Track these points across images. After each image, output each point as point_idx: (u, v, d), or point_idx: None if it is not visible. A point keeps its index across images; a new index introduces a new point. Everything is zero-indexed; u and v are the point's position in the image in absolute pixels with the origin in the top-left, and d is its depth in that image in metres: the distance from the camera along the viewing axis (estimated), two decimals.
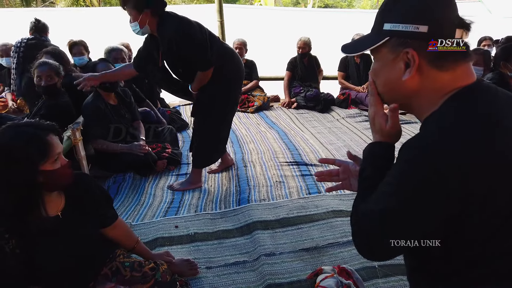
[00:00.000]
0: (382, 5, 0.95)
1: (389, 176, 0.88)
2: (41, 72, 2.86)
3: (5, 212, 1.33)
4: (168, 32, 2.37)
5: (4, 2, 18.31)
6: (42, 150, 1.33)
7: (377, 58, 0.96)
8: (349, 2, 35.20)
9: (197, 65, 2.46)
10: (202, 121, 2.74)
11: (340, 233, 2.19)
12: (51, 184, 1.39)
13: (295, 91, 5.22)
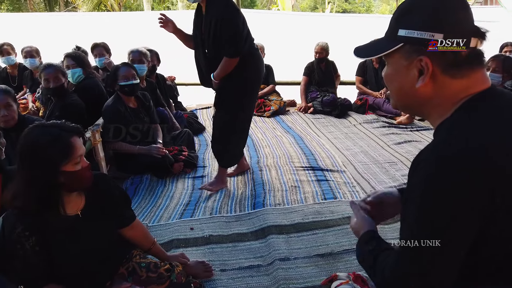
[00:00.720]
0: (397, 10, 0.95)
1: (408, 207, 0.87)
2: (48, 75, 2.92)
3: (26, 209, 1.37)
4: (214, 8, 2.45)
5: (28, 6, 18.86)
6: (65, 151, 1.37)
7: (390, 63, 0.96)
8: (367, 7, 34.98)
9: (226, 49, 2.49)
10: (221, 115, 2.77)
11: (356, 240, 2.15)
12: (71, 185, 1.42)
13: (311, 96, 5.21)
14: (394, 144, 3.82)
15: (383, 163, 3.35)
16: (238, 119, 2.78)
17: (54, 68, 2.97)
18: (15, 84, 4.79)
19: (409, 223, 0.86)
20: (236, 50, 2.50)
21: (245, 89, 2.70)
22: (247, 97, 2.77)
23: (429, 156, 0.84)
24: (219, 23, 2.43)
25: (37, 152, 1.34)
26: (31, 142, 1.35)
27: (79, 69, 3.37)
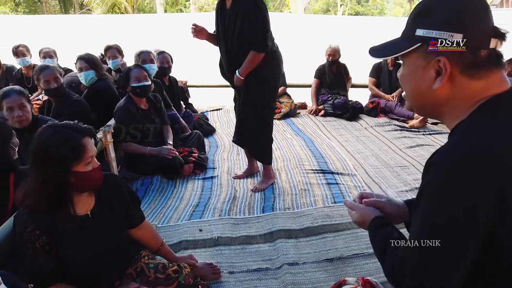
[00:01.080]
0: (414, 9, 0.93)
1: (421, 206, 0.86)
2: (48, 76, 2.96)
3: (37, 209, 1.38)
4: (242, 1, 2.45)
5: (44, 8, 19.20)
6: (76, 152, 1.38)
7: (407, 63, 0.94)
8: (380, 10, 34.76)
9: (254, 43, 2.50)
10: (253, 115, 2.77)
11: (366, 244, 2.14)
12: (81, 185, 1.44)
13: (322, 98, 5.18)
14: (406, 147, 3.77)
15: (394, 167, 3.31)
16: (270, 116, 2.85)
17: (52, 69, 3.01)
18: (30, 85, 4.87)
19: (419, 223, 0.85)
20: (265, 44, 2.52)
21: (273, 86, 2.76)
22: (274, 94, 2.85)
23: (440, 158, 0.84)
24: (247, 16, 2.44)
25: (49, 152, 1.36)
26: (44, 142, 1.37)
27: (92, 71, 3.42)
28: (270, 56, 2.62)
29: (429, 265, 0.82)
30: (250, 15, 2.44)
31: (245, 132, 2.88)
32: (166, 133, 3.35)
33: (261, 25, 2.47)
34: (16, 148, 1.84)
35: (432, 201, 0.82)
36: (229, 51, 2.64)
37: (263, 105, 2.77)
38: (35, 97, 4.65)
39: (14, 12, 24.12)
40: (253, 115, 2.77)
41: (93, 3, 19.35)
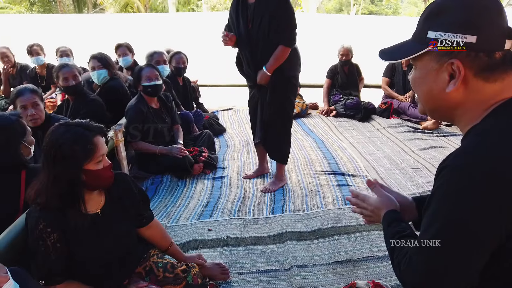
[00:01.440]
0: (425, 11, 0.90)
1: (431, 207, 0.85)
2: (67, 73, 2.99)
3: (49, 206, 1.39)
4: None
5: (58, 8, 19.47)
6: (87, 150, 1.39)
7: (418, 66, 0.92)
8: (394, 9, 34.42)
9: (284, 37, 2.49)
10: (275, 113, 2.76)
11: (377, 247, 2.11)
12: (92, 183, 1.44)
13: (334, 99, 5.13)
14: (419, 149, 3.72)
15: (407, 169, 3.26)
16: (291, 115, 2.84)
17: (71, 67, 3.05)
18: (43, 84, 4.93)
19: (428, 224, 0.84)
20: (293, 39, 2.52)
21: (295, 84, 2.75)
22: (296, 92, 2.84)
23: (454, 161, 0.82)
24: (276, 11, 2.43)
25: (61, 150, 1.36)
26: (56, 140, 1.38)
27: (105, 70, 3.44)
28: (293, 53, 2.61)
29: (435, 267, 0.82)
30: (279, 11, 2.44)
31: (271, 132, 2.84)
32: (177, 133, 3.36)
33: (290, 20, 2.47)
34: (32, 147, 1.86)
35: (443, 204, 0.81)
36: (252, 47, 2.61)
37: (289, 103, 2.77)
38: (48, 96, 4.71)
39: (29, 11, 24.52)
40: (280, 114, 2.76)
41: (106, 2, 19.55)
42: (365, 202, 1.20)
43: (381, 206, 1.14)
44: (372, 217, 1.19)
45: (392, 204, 1.14)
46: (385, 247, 2.05)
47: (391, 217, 1.09)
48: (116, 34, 9.09)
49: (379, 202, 1.16)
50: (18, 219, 1.55)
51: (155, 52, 3.88)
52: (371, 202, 1.18)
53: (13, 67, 5.00)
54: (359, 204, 1.23)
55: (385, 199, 1.16)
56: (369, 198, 1.20)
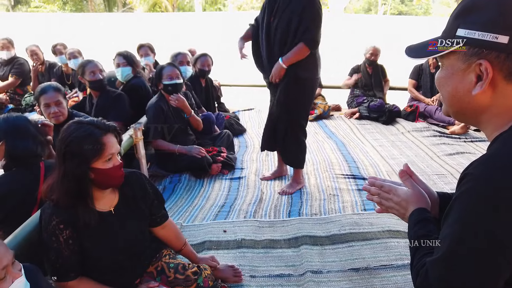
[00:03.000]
0: (457, 7, 0.85)
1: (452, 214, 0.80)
2: (93, 67, 3.07)
3: (60, 202, 1.41)
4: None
5: (89, 7, 20.01)
6: (96, 149, 1.39)
7: (445, 65, 0.88)
8: (425, 9, 33.54)
9: (306, 36, 2.44)
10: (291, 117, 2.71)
11: (395, 255, 2.04)
12: (100, 182, 1.44)
13: (357, 101, 5.03)
14: (445, 155, 3.58)
15: (431, 175, 3.15)
16: (304, 120, 2.79)
17: (95, 63, 3.13)
18: (69, 82, 5.07)
19: (446, 236, 0.80)
20: (315, 40, 2.46)
21: (311, 88, 2.68)
22: (311, 97, 2.76)
23: (476, 169, 0.77)
24: (301, 10, 2.39)
25: (70, 146, 1.38)
26: (66, 137, 1.39)
27: (129, 68, 3.50)
28: (311, 57, 2.55)
29: (450, 283, 0.77)
30: (303, 9, 2.39)
31: (278, 134, 2.80)
32: None
33: (315, 19, 2.42)
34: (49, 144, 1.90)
35: (463, 215, 0.76)
36: (270, 42, 2.58)
37: (300, 106, 2.70)
38: (74, 94, 4.83)
39: (62, 10, 25.34)
40: (287, 116, 2.70)
41: (135, 1, 19.96)
42: (391, 192, 1.09)
43: (412, 200, 1.04)
44: (394, 210, 1.09)
45: (423, 201, 1.04)
46: (404, 256, 2.00)
47: (420, 216, 1.00)
48: (144, 33, 9.26)
49: (410, 195, 1.06)
50: (34, 215, 1.58)
51: (179, 53, 3.92)
52: (400, 193, 1.07)
53: (42, 65, 5.16)
54: (380, 194, 1.12)
55: (417, 193, 1.05)
56: (397, 189, 1.09)
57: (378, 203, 1.14)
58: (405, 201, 1.06)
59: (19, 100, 5.19)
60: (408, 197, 1.06)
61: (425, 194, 1.07)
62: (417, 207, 1.02)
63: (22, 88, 5.27)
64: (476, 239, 0.74)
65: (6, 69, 5.19)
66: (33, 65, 5.11)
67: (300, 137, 2.80)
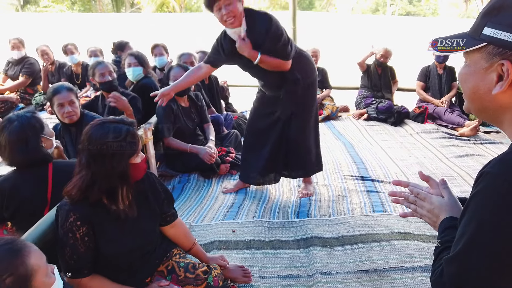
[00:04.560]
0: (487, 5, 0.84)
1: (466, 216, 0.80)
2: (103, 69, 3.08)
3: (92, 200, 1.43)
4: (258, 22, 2.34)
5: (98, 7, 20.13)
6: (133, 145, 1.44)
7: (468, 62, 0.87)
8: (433, 10, 33.30)
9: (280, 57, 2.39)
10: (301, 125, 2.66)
11: (405, 257, 2.03)
12: (133, 176, 1.49)
13: (366, 102, 5.02)
14: (454, 157, 3.56)
15: (440, 176, 3.10)
16: (317, 119, 2.76)
17: (106, 64, 3.15)
18: (79, 82, 5.11)
19: (462, 232, 0.80)
20: (289, 53, 2.41)
21: (313, 89, 2.63)
22: (315, 96, 2.68)
23: (493, 168, 0.77)
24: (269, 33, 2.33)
25: (109, 147, 1.40)
26: (101, 139, 1.40)
27: (140, 68, 3.53)
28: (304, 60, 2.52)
29: (464, 281, 0.78)
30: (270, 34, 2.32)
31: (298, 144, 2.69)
32: (208, 130, 3.38)
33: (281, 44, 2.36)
34: (53, 138, 1.91)
35: (479, 213, 0.76)
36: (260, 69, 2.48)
37: (312, 113, 2.67)
38: (84, 94, 4.87)
39: (71, 10, 25.56)
40: (305, 126, 2.66)
41: (143, 1, 20.06)
42: (426, 200, 1.09)
43: (445, 208, 1.04)
44: (426, 217, 1.09)
45: (456, 210, 1.03)
46: (413, 258, 1.99)
47: (450, 223, 0.99)
48: (152, 33, 9.32)
49: (443, 204, 1.05)
50: (48, 213, 1.60)
51: (183, 54, 3.95)
52: (433, 201, 1.07)
53: (52, 65, 5.22)
54: (417, 202, 1.12)
55: (451, 202, 1.05)
56: (431, 197, 1.09)
57: (414, 211, 1.14)
58: (438, 208, 1.06)
59: (29, 99, 5.25)
60: (441, 205, 1.06)
61: (459, 203, 1.06)
62: (448, 216, 1.02)
63: (32, 87, 5.33)
64: (490, 238, 0.74)
65: (16, 69, 5.25)
66: (43, 65, 5.16)
67: (317, 141, 2.80)
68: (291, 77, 2.48)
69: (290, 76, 2.47)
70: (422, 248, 2.11)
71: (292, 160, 2.72)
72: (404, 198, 1.17)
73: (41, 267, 1.09)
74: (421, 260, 2.00)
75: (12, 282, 1.01)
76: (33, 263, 1.06)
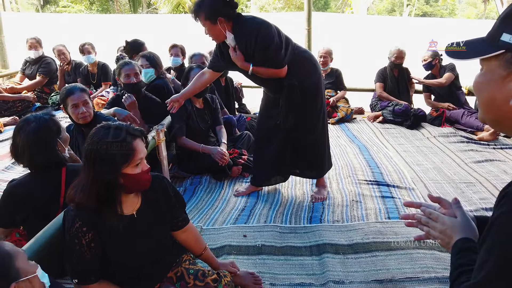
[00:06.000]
0: (505, 10, 0.79)
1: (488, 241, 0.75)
2: (129, 70, 3.08)
3: (87, 206, 1.41)
4: (247, 33, 2.31)
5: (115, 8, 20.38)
6: (126, 154, 1.38)
7: (485, 70, 0.82)
8: (450, 10, 32.71)
9: (273, 65, 2.36)
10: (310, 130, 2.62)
11: (421, 267, 1.96)
12: (130, 187, 1.44)
13: (382, 104, 4.92)
14: (473, 162, 3.45)
15: (458, 182, 3.03)
16: (325, 120, 2.70)
17: (133, 65, 3.14)
18: (95, 81, 5.15)
19: (484, 260, 0.74)
20: (283, 59, 2.36)
21: (314, 91, 2.55)
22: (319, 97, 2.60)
23: None
24: (256, 43, 2.29)
25: (100, 152, 1.37)
26: (95, 143, 1.38)
27: (152, 69, 3.54)
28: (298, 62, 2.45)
29: None
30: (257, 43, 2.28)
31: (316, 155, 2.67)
32: (220, 133, 3.35)
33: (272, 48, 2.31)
34: (67, 143, 1.91)
35: (503, 240, 0.71)
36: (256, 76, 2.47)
37: (320, 116, 2.61)
38: (99, 93, 4.90)
39: (89, 11, 25.96)
40: (319, 129, 2.62)
41: (159, 2, 20.23)
42: (438, 221, 1.04)
43: (459, 229, 0.98)
44: (439, 239, 1.04)
45: (470, 231, 0.98)
46: (430, 268, 1.92)
47: (464, 245, 0.94)
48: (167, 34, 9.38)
49: (457, 224, 1.00)
50: (55, 218, 1.59)
51: (194, 54, 3.95)
52: (446, 221, 1.02)
53: (68, 64, 5.27)
54: (429, 223, 1.07)
55: (464, 222, 1.00)
56: (443, 217, 1.04)
57: (427, 233, 1.09)
58: (450, 229, 1.00)
59: (46, 99, 5.32)
60: (454, 226, 1.00)
61: (473, 224, 1.00)
62: (462, 237, 0.96)
63: (49, 87, 5.40)
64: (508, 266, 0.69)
65: (34, 68, 5.33)
66: (59, 64, 5.22)
67: (327, 143, 2.75)
68: (287, 82, 2.42)
69: (286, 81, 2.42)
70: (440, 258, 2.03)
71: (304, 162, 2.70)
72: (417, 220, 1.12)
73: (20, 252, 1.11)
74: (439, 270, 1.93)
75: None
76: (10, 248, 1.09)
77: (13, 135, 1.80)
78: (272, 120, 2.64)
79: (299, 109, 2.52)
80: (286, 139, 2.62)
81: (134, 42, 4.31)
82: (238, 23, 2.35)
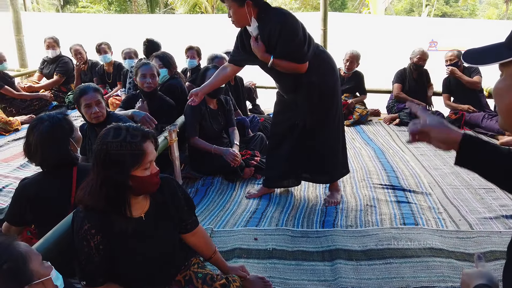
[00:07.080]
0: None
1: None
2: (146, 70, 3.06)
3: (95, 208, 1.39)
4: (272, 22, 2.26)
5: (133, 8, 20.61)
6: (136, 157, 1.37)
7: (505, 75, 0.78)
8: (471, 11, 32.02)
9: (294, 59, 2.31)
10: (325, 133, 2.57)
11: (438, 277, 1.90)
12: (138, 189, 1.42)
13: (398, 106, 4.82)
14: None
15: (477, 188, 2.93)
16: (341, 121, 2.65)
17: (151, 66, 3.13)
18: (110, 81, 5.20)
19: None
20: (305, 55, 2.31)
21: (331, 92, 2.50)
22: (335, 99, 2.55)
23: None
24: (281, 33, 2.24)
25: (110, 154, 1.36)
26: (106, 144, 1.37)
27: (165, 70, 3.54)
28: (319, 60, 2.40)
29: None
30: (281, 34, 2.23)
31: (329, 157, 2.62)
32: (232, 134, 3.33)
33: (296, 41, 2.26)
34: (79, 143, 1.91)
35: None
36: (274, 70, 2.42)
37: (335, 119, 2.56)
38: (114, 93, 4.94)
39: (107, 11, 26.35)
40: (334, 130, 2.58)
41: (176, 2, 20.38)
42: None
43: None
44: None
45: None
46: (447, 278, 1.86)
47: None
48: (184, 34, 9.44)
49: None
50: (65, 219, 1.58)
51: (216, 56, 3.92)
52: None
53: (85, 64, 5.33)
54: None
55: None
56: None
57: None
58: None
59: (62, 98, 5.39)
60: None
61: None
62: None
63: (65, 86, 5.47)
64: None
65: (51, 67, 5.41)
66: (76, 64, 5.29)
67: (342, 146, 2.69)
68: (306, 80, 2.38)
69: (305, 79, 2.38)
70: (457, 267, 1.96)
71: (316, 165, 2.64)
72: None
73: (34, 254, 1.07)
74: (456, 280, 1.86)
75: (10, 268, 0.99)
76: (24, 249, 1.05)
77: (26, 133, 1.81)
78: (286, 123, 2.60)
79: (316, 109, 2.47)
80: (300, 141, 2.58)
81: (151, 42, 4.33)
82: (264, 11, 2.29)
